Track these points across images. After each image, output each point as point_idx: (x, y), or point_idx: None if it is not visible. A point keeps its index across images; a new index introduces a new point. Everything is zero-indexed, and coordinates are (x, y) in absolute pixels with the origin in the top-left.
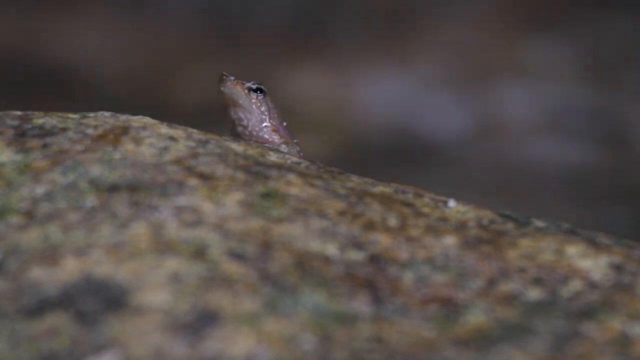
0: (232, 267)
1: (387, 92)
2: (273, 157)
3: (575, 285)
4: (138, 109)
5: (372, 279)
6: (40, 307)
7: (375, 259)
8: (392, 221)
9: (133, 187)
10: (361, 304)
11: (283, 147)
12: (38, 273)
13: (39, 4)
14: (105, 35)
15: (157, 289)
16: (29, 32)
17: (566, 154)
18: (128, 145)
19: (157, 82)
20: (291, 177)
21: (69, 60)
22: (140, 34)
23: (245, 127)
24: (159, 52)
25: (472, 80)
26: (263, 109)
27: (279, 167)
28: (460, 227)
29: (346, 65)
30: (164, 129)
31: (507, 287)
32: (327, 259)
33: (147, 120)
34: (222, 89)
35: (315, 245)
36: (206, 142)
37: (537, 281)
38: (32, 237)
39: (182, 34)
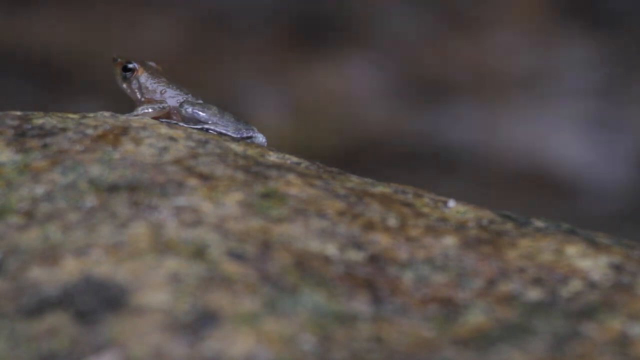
0: (231, 267)
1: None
2: (273, 157)
3: (575, 285)
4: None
5: (372, 278)
6: (40, 307)
7: (375, 259)
8: (392, 221)
9: (133, 187)
10: (361, 304)
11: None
12: (38, 273)
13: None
14: (104, 34)
15: (156, 289)
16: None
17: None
18: (128, 146)
19: None
20: (291, 177)
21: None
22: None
23: (137, 104)
24: (158, 51)
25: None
26: (133, 86)
27: (278, 167)
28: (459, 227)
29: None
30: (164, 129)
31: (506, 287)
32: (326, 259)
33: (147, 120)
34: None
35: (314, 245)
36: (206, 142)
37: (537, 281)
38: (31, 237)
39: (181, 32)
